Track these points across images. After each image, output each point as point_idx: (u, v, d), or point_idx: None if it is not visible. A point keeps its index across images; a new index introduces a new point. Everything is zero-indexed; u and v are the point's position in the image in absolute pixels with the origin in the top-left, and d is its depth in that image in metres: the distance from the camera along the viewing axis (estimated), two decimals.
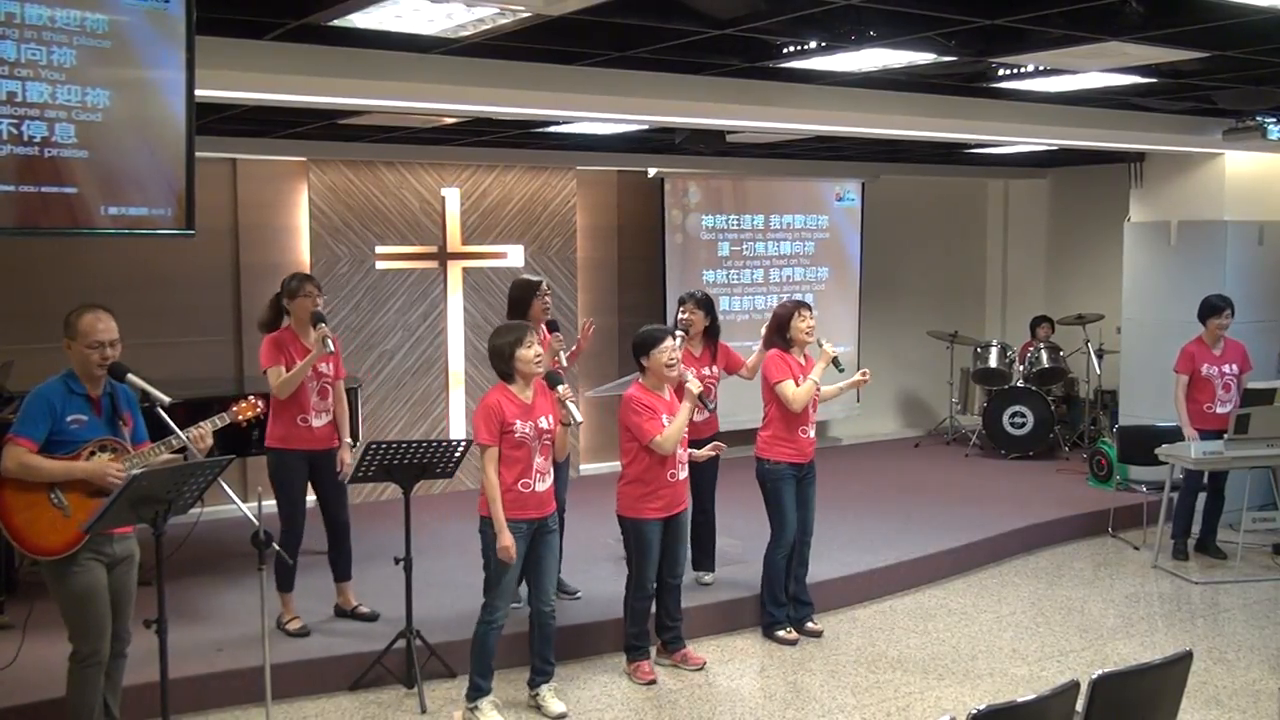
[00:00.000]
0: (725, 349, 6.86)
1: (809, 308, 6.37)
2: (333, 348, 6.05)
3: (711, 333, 6.77)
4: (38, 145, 4.46)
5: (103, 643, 4.54)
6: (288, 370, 5.98)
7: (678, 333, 6.35)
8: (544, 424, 5.29)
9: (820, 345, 6.24)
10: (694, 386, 5.69)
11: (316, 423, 6.14)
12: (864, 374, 6.39)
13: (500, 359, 5.27)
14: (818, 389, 6.23)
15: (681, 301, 6.81)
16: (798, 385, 6.18)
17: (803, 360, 6.34)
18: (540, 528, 5.32)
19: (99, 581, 4.51)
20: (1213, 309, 8.01)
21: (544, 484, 5.31)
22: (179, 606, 5.97)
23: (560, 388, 5.32)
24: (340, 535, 6.35)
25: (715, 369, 6.74)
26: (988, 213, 13.06)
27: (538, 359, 5.25)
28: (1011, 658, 6.27)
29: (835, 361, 6.20)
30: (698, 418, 6.34)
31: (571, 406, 5.33)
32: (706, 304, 6.80)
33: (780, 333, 6.33)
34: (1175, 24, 5.38)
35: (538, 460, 5.27)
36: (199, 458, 4.55)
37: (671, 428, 5.64)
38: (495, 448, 5.19)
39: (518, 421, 5.20)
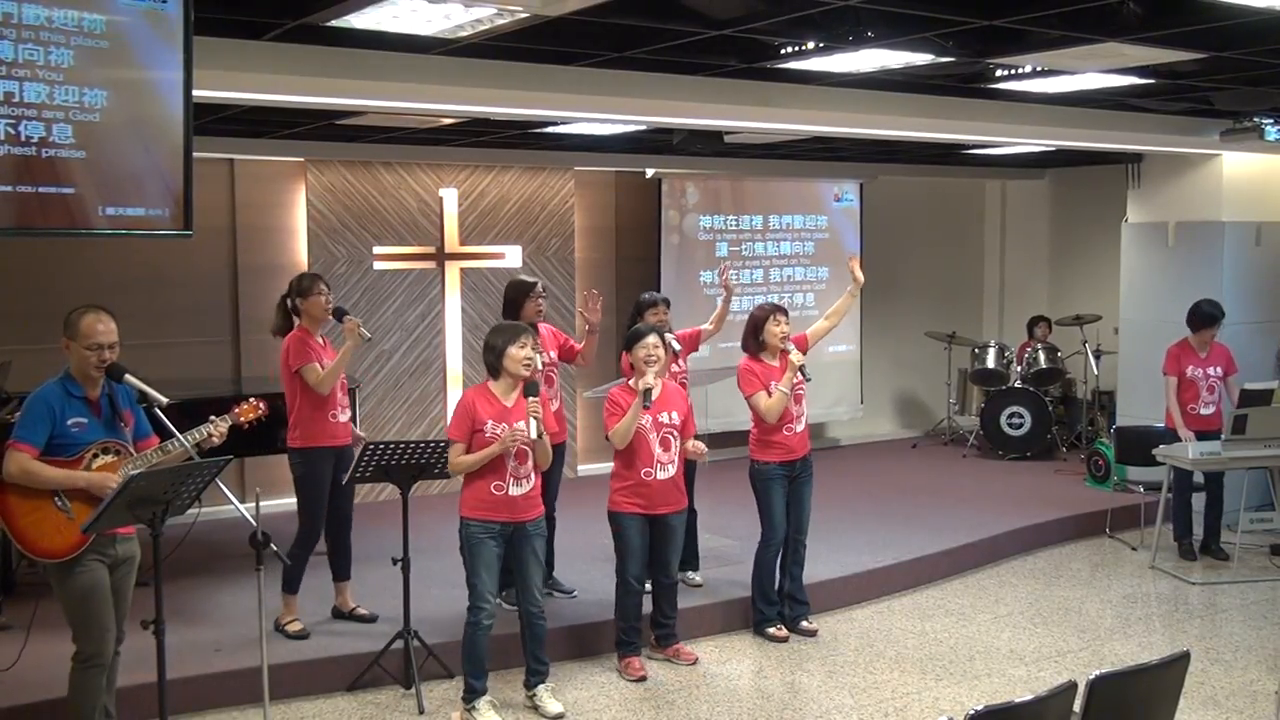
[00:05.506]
0: (682, 334, 6.85)
1: (784, 312, 6.35)
2: (370, 336, 6.11)
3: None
4: (35, 145, 4.45)
5: (106, 644, 4.54)
6: (322, 368, 6.00)
7: (672, 342, 6.35)
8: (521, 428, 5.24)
9: (789, 353, 6.24)
10: (643, 383, 5.70)
11: (343, 418, 6.19)
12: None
13: (491, 353, 5.31)
14: (790, 394, 6.20)
15: (653, 304, 6.67)
16: (769, 395, 6.20)
17: (776, 361, 6.32)
18: (517, 532, 5.29)
19: (102, 583, 4.52)
20: (1209, 319, 7.96)
21: (520, 489, 5.25)
22: (177, 607, 5.97)
23: (531, 399, 5.24)
24: (344, 530, 6.35)
25: (683, 363, 6.75)
26: (985, 213, 13.06)
27: (526, 362, 5.24)
28: (1009, 658, 6.27)
29: (802, 369, 6.23)
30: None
31: (534, 421, 5.19)
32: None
33: (754, 334, 6.34)
34: (1173, 25, 5.38)
35: (511, 464, 5.22)
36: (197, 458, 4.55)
37: (621, 423, 5.68)
38: (460, 445, 5.22)
39: (490, 422, 5.19)
